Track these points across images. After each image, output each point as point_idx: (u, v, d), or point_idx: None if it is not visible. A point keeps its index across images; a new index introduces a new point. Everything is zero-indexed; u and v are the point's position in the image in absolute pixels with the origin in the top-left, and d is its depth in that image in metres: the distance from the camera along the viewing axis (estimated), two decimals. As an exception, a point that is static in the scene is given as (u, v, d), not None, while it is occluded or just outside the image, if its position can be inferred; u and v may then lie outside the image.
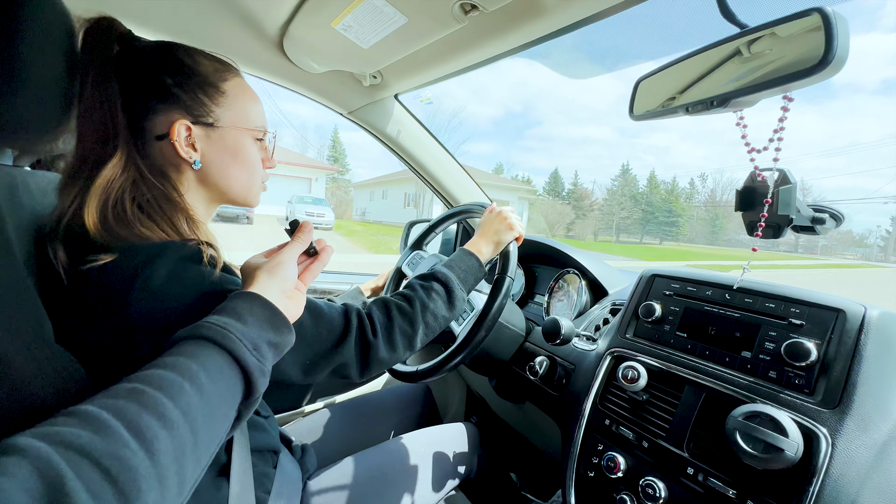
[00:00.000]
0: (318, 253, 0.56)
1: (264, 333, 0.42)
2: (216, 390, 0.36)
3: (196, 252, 0.49)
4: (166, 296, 0.45)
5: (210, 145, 0.57)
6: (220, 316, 0.40)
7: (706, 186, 61.66)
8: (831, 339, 0.54)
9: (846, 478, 0.47)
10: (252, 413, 0.41)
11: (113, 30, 0.54)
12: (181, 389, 0.33)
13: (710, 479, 0.55)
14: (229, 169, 0.59)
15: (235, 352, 0.38)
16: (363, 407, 1.10)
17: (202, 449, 0.34)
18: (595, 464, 0.68)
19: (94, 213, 0.48)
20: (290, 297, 0.49)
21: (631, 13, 0.66)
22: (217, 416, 0.36)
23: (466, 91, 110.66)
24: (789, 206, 0.60)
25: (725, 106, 0.58)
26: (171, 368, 0.34)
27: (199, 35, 0.93)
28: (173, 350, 0.37)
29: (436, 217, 1.09)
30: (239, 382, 0.39)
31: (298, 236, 0.53)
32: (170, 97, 0.54)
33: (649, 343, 0.71)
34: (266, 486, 0.68)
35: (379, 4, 0.71)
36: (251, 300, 0.43)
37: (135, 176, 0.52)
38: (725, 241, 55.39)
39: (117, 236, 0.47)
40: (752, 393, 0.56)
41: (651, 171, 60.81)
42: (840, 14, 0.45)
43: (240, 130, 0.59)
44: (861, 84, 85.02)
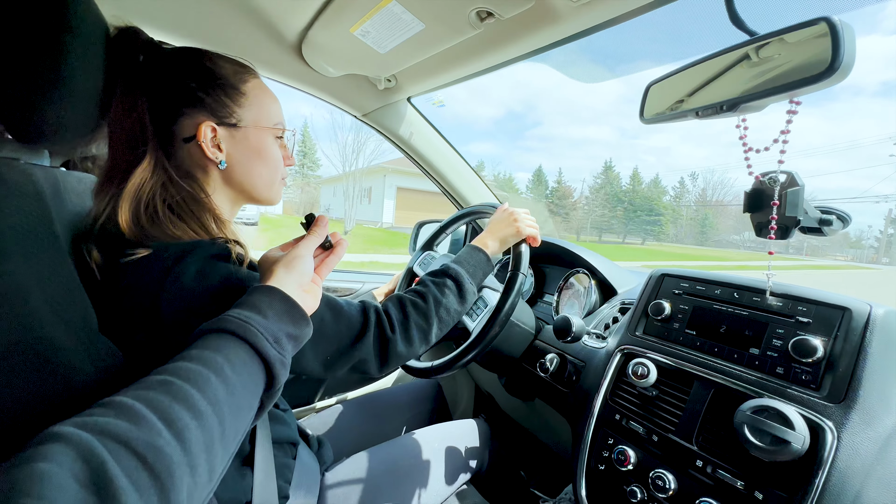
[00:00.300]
0: (333, 246, 0.57)
1: (284, 326, 0.43)
2: (240, 382, 0.37)
3: (224, 249, 0.52)
4: (196, 291, 0.48)
5: (234, 145, 0.59)
6: (242, 310, 0.41)
7: (696, 185, 59.98)
8: (837, 337, 0.56)
9: (851, 470, 0.48)
10: (273, 404, 0.43)
11: (138, 39, 0.56)
12: (208, 381, 0.34)
13: (719, 471, 0.57)
14: (253, 167, 0.61)
15: (257, 344, 0.40)
16: (375, 403, 1.12)
17: (229, 438, 0.35)
18: (605, 457, 0.70)
19: (126, 215, 0.51)
20: (306, 290, 0.50)
21: (643, 19, 0.68)
22: (242, 407, 0.37)
23: (468, 92, 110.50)
24: (797, 207, 0.62)
25: (735, 110, 0.60)
26: (198, 361, 0.36)
27: (221, 40, 0.96)
28: (198, 343, 0.38)
29: (447, 218, 1.11)
30: (261, 374, 0.40)
31: (314, 230, 0.54)
32: (195, 101, 0.57)
33: (659, 340, 0.73)
34: (287, 476, 0.71)
35: (398, 11, 0.74)
36: (270, 294, 0.44)
37: (164, 179, 0.55)
38: (715, 242, 54.45)
39: (150, 236, 0.50)
40: (759, 388, 0.58)
41: (634, 168, 57.89)
42: (846, 23, 0.47)
43: (261, 129, 0.61)
44: (862, 86, 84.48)
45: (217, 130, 0.57)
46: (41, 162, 0.62)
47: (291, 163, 0.67)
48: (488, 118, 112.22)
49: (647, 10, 0.65)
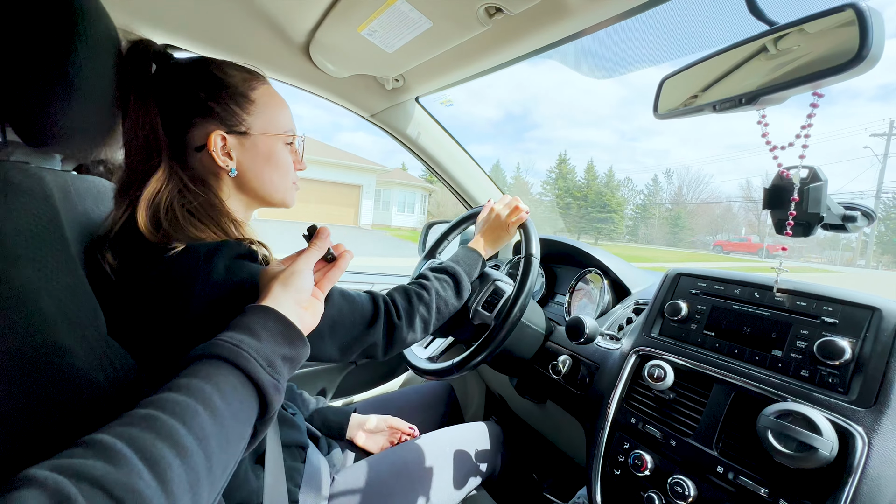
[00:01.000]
0: (336, 259, 0.55)
1: (278, 348, 0.42)
2: (231, 411, 0.36)
3: (250, 250, 0.53)
4: (224, 289, 0.49)
5: (244, 152, 0.60)
6: (234, 332, 0.40)
7: (672, 183, 56.03)
8: (866, 338, 0.53)
9: (884, 478, 0.46)
10: (269, 426, 0.42)
11: (150, 50, 0.57)
12: (195, 414, 0.33)
13: (741, 478, 0.55)
14: (264, 173, 0.62)
15: (249, 370, 0.38)
16: (386, 405, 1.12)
17: (217, 473, 0.34)
18: (621, 462, 0.68)
19: (144, 219, 0.52)
20: (305, 307, 0.48)
21: (656, 12, 0.67)
22: (232, 438, 0.36)
23: (467, 94, 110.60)
24: (819, 203, 0.59)
25: (754, 103, 0.58)
26: (186, 391, 0.34)
27: (229, 43, 0.96)
28: (188, 370, 0.37)
29: (454, 219, 1.10)
30: (254, 400, 0.39)
31: (314, 243, 0.52)
32: (206, 111, 0.57)
33: (675, 342, 0.71)
34: (296, 480, 0.70)
35: (405, 10, 0.73)
36: (265, 315, 0.43)
37: (180, 186, 0.56)
38: (690, 244, 49.45)
39: (173, 237, 0.51)
40: (783, 392, 0.56)
41: (589, 160, 53.35)
42: (875, 9, 0.45)
43: (270, 136, 0.61)
44: (859, 89, 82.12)
45: (227, 139, 0.58)
46: (52, 166, 0.62)
47: (302, 167, 0.68)
48: (487, 120, 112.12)
49: (660, 2, 0.63)
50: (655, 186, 56.42)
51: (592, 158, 59.85)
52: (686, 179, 56.15)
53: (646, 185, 58.33)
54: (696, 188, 55.36)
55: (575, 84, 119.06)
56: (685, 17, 66.18)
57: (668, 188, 56.47)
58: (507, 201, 0.90)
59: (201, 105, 0.57)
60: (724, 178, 72.77)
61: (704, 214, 54.97)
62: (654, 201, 54.98)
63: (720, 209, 55.57)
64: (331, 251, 0.54)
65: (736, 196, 58.03)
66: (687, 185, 55.30)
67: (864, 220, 0.64)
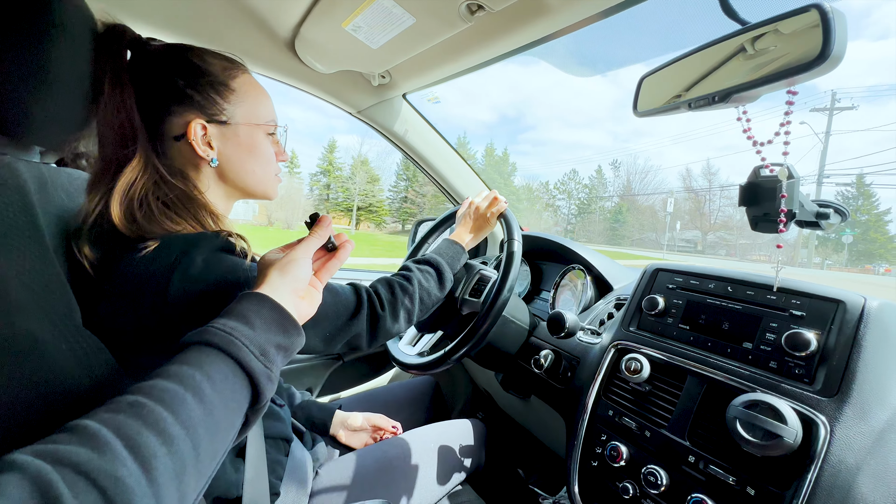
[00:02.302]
0: (337, 248, 0.54)
1: (272, 337, 0.41)
2: (221, 400, 0.35)
3: (229, 243, 0.52)
4: (203, 282, 0.48)
5: (225, 142, 0.59)
6: (228, 319, 0.39)
7: (619, 175, 50.82)
8: (831, 330, 0.55)
9: (844, 464, 0.48)
10: (261, 415, 0.41)
11: (125, 36, 0.56)
12: (183, 402, 0.33)
13: (711, 467, 0.56)
14: (245, 164, 0.61)
15: (241, 359, 0.38)
16: (372, 401, 1.12)
17: (205, 462, 0.34)
18: (598, 454, 0.69)
19: (118, 211, 0.51)
20: (302, 296, 0.48)
21: (635, 11, 0.68)
22: (221, 427, 0.35)
23: (462, 95, 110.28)
24: (793, 200, 0.61)
25: (727, 101, 0.59)
26: (175, 378, 0.34)
27: (214, 38, 0.95)
28: (178, 357, 0.36)
29: (441, 216, 1.11)
30: (245, 389, 0.38)
31: (315, 231, 0.51)
32: (184, 98, 0.56)
33: (652, 335, 0.73)
34: (278, 473, 0.71)
35: (387, 5, 0.73)
36: (260, 302, 0.42)
37: (156, 177, 0.55)
38: (636, 242, 46.80)
39: (148, 231, 0.50)
40: (752, 383, 0.57)
41: (489, 143, 49.30)
42: (838, 10, 0.46)
43: (252, 126, 0.61)
44: (847, 90, 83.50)
45: (207, 128, 0.57)
46: (30, 158, 0.62)
47: (284, 158, 0.67)
48: (481, 122, 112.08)
49: (637, 2, 0.64)
50: (599, 178, 50.99)
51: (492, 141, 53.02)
52: (634, 169, 51.95)
53: (589, 178, 52.16)
54: (643, 179, 51.36)
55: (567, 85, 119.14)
56: (663, 15, 64.72)
57: (615, 181, 51.87)
58: (486, 194, 0.91)
59: (179, 92, 0.56)
60: (674, 165, 68.45)
61: (654, 209, 50.72)
62: (597, 194, 50.56)
63: (687, 203, 49.81)
64: (331, 240, 0.53)
65: (678, 187, 51.81)
66: (637, 175, 51.43)
67: (836, 216, 0.66)
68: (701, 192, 49.09)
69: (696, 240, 47.64)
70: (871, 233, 39.13)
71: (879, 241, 38.90)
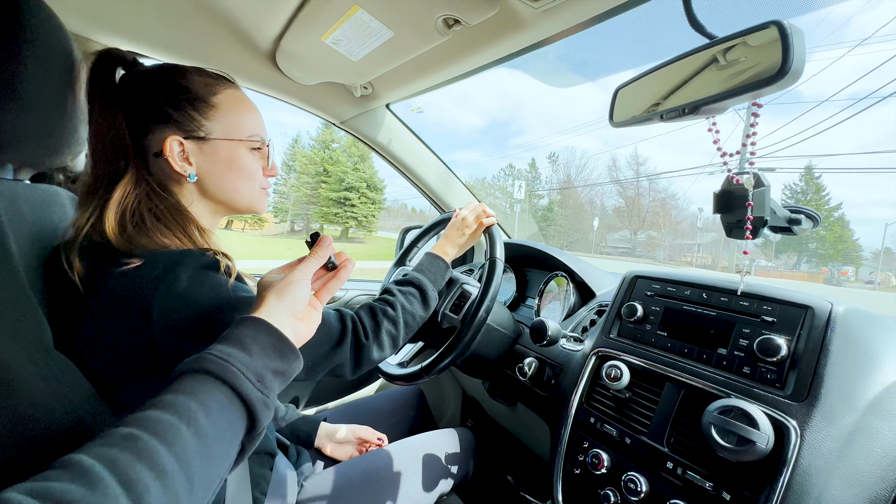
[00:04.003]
0: (337, 268, 0.53)
1: (270, 362, 0.41)
2: (216, 430, 0.35)
3: (214, 262, 0.53)
4: (187, 300, 0.48)
5: (203, 158, 0.59)
6: (225, 346, 0.39)
7: (557, 171, 45.86)
8: (800, 335, 0.56)
9: (814, 468, 0.49)
10: (256, 444, 0.41)
11: (116, 59, 0.57)
12: (178, 434, 0.33)
13: (689, 473, 0.57)
14: (226, 179, 0.61)
15: (238, 386, 0.37)
16: (357, 412, 1.12)
17: (199, 494, 0.33)
18: (581, 461, 0.70)
19: (112, 223, 0.52)
20: (300, 318, 0.47)
21: (606, 26, 0.69)
22: (216, 457, 0.35)
23: (451, 101, 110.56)
24: (763, 207, 0.63)
25: (697, 113, 0.61)
26: (170, 409, 0.34)
27: (195, 51, 0.95)
28: (174, 386, 0.36)
29: (427, 224, 1.11)
30: (241, 417, 0.38)
31: (315, 252, 0.50)
32: (161, 116, 0.57)
33: (632, 342, 0.73)
34: (262, 488, 0.70)
35: (366, 19, 0.74)
36: (257, 327, 0.42)
37: (147, 190, 0.56)
38: (570, 244, 41.79)
39: (137, 244, 0.51)
40: (727, 388, 0.58)
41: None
42: (796, 27, 0.48)
43: (232, 141, 0.61)
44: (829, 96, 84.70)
45: (185, 144, 0.58)
46: (3, 175, 0.61)
47: (273, 173, 0.67)
48: (472, 127, 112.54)
49: (608, 16, 0.66)
50: (534, 172, 45.73)
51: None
52: (573, 162, 46.91)
53: (520, 172, 47.01)
54: (579, 174, 46.70)
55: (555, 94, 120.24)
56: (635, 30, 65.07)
57: (554, 175, 47.10)
58: (473, 207, 0.92)
59: (158, 111, 0.57)
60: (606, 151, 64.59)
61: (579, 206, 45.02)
62: (530, 190, 45.31)
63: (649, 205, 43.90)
64: (332, 260, 0.52)
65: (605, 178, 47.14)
66: (576, 169, 46.46)
67: (808, 221, 0.68)
68: (627, 184, 44.05)
69: (626, 239, 43.23)
70: (819, 231, 34.04)
71: (829, 241, 36.39)
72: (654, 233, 42.70)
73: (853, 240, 36.99)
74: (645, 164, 46.16)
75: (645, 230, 43.24)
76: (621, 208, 44.73)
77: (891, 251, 40.36)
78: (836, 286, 27.48)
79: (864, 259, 37.10)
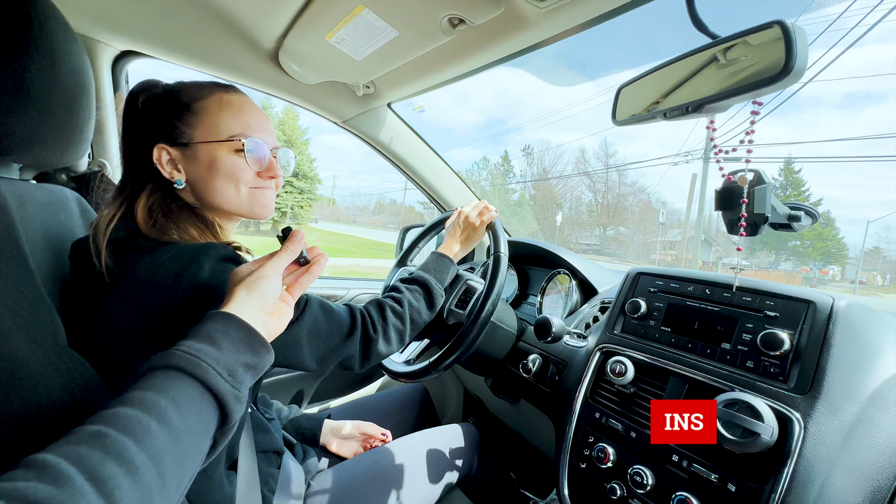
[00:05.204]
0: (310, 262, 0.54)
1: (240, 356, 0.41)
2: (187, 425, 0.35)
3: (234, 254, 0.55)
4: (209, 288, 0.50)
5: (189, 164, 0.60)
6: (194, 341, 0.39)
7: (532, 164, 43.23)
8: (803, 329, 0.57)
9: (818, 459, 0.50)
10: (229, 438, 0.41)
11: (147, 90, 0.62)
12: (147, 430, 0.32)
13: (694, 465, 0.58)
14: (209, 183, 0.60)
15: (208, 381, 0.37)
16: (361, 409, 1.12)
17: (171, 489, 0.33)
18: (587, 455, 0.71)
19: (142, 213, 0.56)
20: (270, 312, 0.47)
21: (611, 25, 0.70)
22: (188, 452, 0.35)
23: (449, 98, 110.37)
24: (765, 204, 0.64)
25: (700, 111, 0.62)
26: (139, 405, 0.33)
27: (196, 49, 0.95)
28: (142, 382, 0.36)
29: (428, 223, 1.12)
30: (213, 412, 0.38)
31: (286, 246, 0.50)
32: (152, 128, 0.60)
33: (636, 338, 0.74)
34: (271, 486, 0.71)
35: (371, 19, 0.74)
36: (226, 321, 0.41)
37: (164, 193, 0.60)
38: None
39: (166, 233, 0.55)
40: (731, 382, 0.59)
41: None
42: (799, 26, 0.49)
43: (211, 144, 0.59)
44: (824, 98, 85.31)
45: (171, 152, 0.59)
46: (10, 176, 0.61)
47: (271, 174, 0.64)
48: (469, 123, 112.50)
49: (613, 16, 0.66)
50: (506, 165, 43.18)
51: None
52: (548, 155, 43.94)
53: (495, 165, 44.31)
54: (553, 167, 43.84)
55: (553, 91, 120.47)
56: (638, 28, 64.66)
57: (528, 169, 43.98)
58: (476, 204, 0.92)
59: (150, 124, 0.60)
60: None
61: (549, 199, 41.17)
62: (501, 184, 43.10)
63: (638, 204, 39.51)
64: (303, 254, 0.52)
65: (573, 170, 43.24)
66: (551, 162, 43.49)
67: (808, 218, 0.69)
68: (596, 177, 41.26)
69: (595, 236, 40.70)
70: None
71: (808, 238, 34.92)
72: (623, 229, 40.36)
73: (838, 238, 36.12)
74: (615, 155, 43.85)
75: (614, 226, 40.81)
76: (591, 203, 42.34)
77: (879, 250, 40.04)
78: (814, 287, 26.74)
79: (849, 258, 36.50)
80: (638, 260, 34.43)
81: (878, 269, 38.86)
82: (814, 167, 59.36)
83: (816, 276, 33.49)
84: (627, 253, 37.67)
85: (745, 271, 0.69)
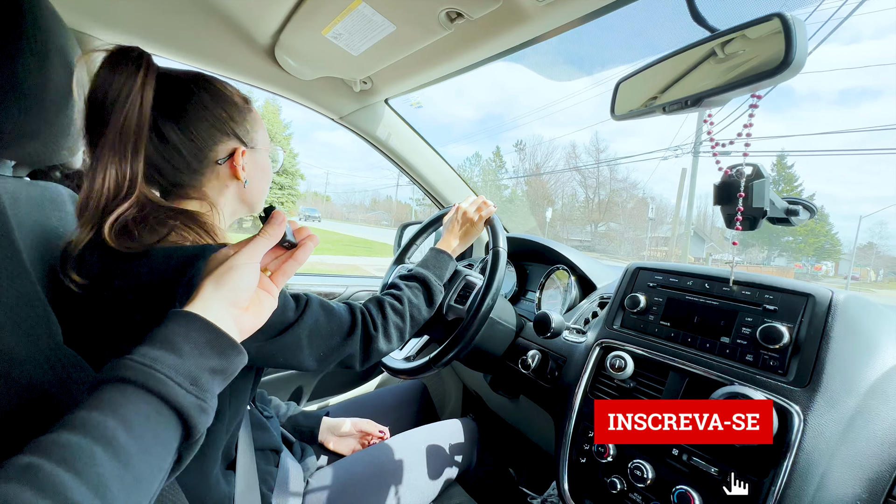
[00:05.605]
0: (296, 246, 0.46)
1: (205, 361, 0.35)
2: (140, 447, 0.30)
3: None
4: None
5: (252, 165, 0.66)
6: (150, 348, 0.34)
7: (525, 160, 43.12)
8: (802, 322, 0.57)
9: (817, 451, 0.50)
10: (196, 450, 0.36)
11: (141, 59, 0.60)
12: (91, 458, 0.28)
13: (694, 459, 0.58)
14: (260, 183, 0.69)
15: (165, 394, 0.32)
16: (360, 406, 1.12)
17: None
18: (587, 450, 0.71)
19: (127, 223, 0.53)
20: (244, 307, 0.41)
21: (609, 19, 0.70)
22: (143, 477, 0.30)
23: (446, 94, 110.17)
24: (763, 198, 0.64)
25: (699, 105, 0.62)
26: (81, 430, 0.29)
27: (191, 44, 0.94)
28: (89, 401, 0.31)
29: (426, 220, 1.11)
30: (174, 427, 0.33)
31: (265, 230, 0.42)
32: (226, 128, 0.62)
33: (635, 333, 0.74)
34: (269, 484, 0.70)
35: (368, 13, 0.74)
36: (188, 323, 0.36)
37: (158, 191, 0.61)
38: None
39: (155, 242, 0.52)
40: (730, 375, 0.59)
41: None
42: (798, 19, 0.49)
43: (267, 149, 0.70)
44: (820, 94, 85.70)
45: (245, 153, 0.64)
46: (3, 172, 0.60)
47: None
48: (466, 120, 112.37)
49: (611, 9, 0.66)
50: (498, 161, 43.07)
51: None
52: (540, 151, 44.03)
53: (487, 161, 44.76)
54: (546, 162, 43.74)
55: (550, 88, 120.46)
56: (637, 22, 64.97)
57: (521, 165, 44.07)
58: (473, 200, 0.92)
59: (222, 123, 0.61)
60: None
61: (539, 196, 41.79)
62: (493, 180, 43.18)
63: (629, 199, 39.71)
64: (287, 237, 0.44)
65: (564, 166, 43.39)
66: (543, 157, 43.38)
67: (805, 213, 0.69)
68: (588, 172, 40.96)
69: (586, 232, 40.70)
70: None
71: (800, 233, 34.73)
72: (614, 224, 40.06)
73: (831, 234, 36.01)
74: (605, 150, 43.74)
75: (605, 222, 40.51)
76: (582, 199, 42.04)
77: (873, 245, 40.11)
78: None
79: (843, 254, 36.35)
80: (629, 257, 34.13)
81: (871, 264, 38.95)
82: (809, 163, 59.36)
83: (809, 272, 33.28)
84: (619, 250, 37.46)
85: (737, 266, 0.69)
